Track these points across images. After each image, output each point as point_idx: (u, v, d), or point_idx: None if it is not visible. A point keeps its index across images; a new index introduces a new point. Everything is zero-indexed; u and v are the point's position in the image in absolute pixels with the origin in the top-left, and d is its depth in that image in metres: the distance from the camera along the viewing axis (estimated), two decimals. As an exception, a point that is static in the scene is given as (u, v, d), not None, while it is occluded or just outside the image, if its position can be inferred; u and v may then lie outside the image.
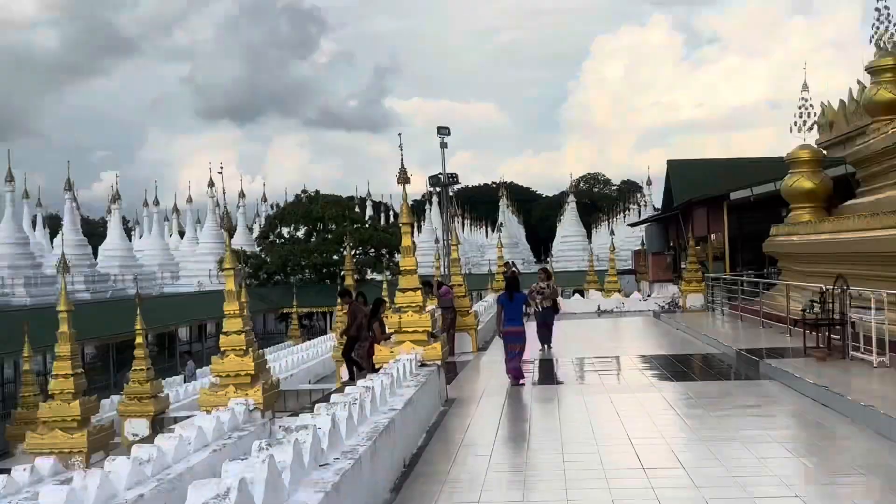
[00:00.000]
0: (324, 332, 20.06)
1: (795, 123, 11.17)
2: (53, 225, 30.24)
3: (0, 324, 14.17)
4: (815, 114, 11.45)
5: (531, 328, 8.42)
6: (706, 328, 11.66)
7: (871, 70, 9.87)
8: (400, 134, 6.57)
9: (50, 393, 7.00)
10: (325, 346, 14.12)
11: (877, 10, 9.71)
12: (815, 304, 6.51)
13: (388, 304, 7.69)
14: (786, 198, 12.03)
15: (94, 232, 33.52)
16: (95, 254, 28.77)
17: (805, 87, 11.06)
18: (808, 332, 6.49)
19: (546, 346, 9.03)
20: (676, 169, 21.17)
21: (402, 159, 6.33)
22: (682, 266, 17.51)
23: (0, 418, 11.01)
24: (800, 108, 11.00)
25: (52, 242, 27.77)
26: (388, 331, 6.68)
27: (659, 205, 29.85)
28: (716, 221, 16.67)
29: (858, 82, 11.23)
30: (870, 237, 7.55)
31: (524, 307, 7.77)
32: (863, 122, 10.58)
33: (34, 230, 27.74)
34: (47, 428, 7.02)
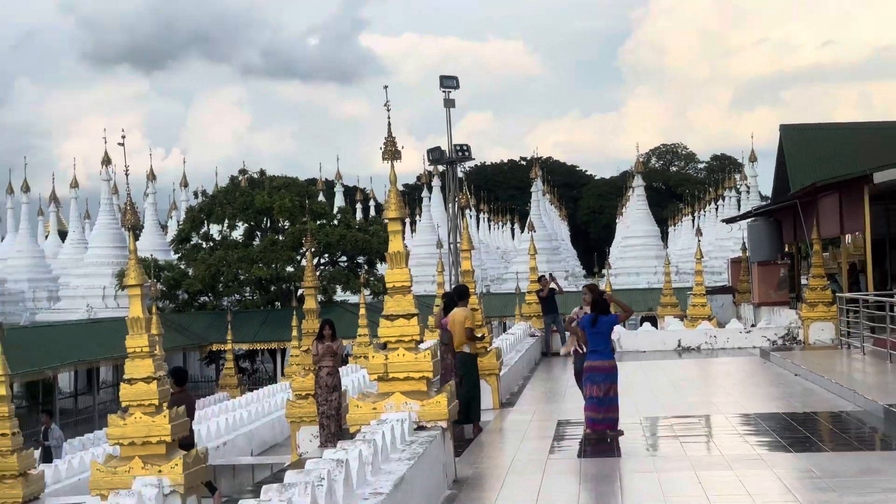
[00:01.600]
0: (272, 380, 21.15)
1: None
2: None
3: None
4: None
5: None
6: (839, 374, 12.23)
7: None
8: (386, 87, 6.62)
9: None
10: (275, 401, 14.63)
11: None
12: None
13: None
14: None
15: None
16: None
17: None
18: None
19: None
20: (794, 138, 21.43)
21: (388, 124, 6.43)
22: (804, 282, 18.21)
23: None
24: None
25: None
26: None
27: (768, 192, 30.57)
28: (853, 216, 16.33)
29: None
30: None
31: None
32: None
33: None
34: None
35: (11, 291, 33.32)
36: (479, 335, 10.03)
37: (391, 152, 6.51)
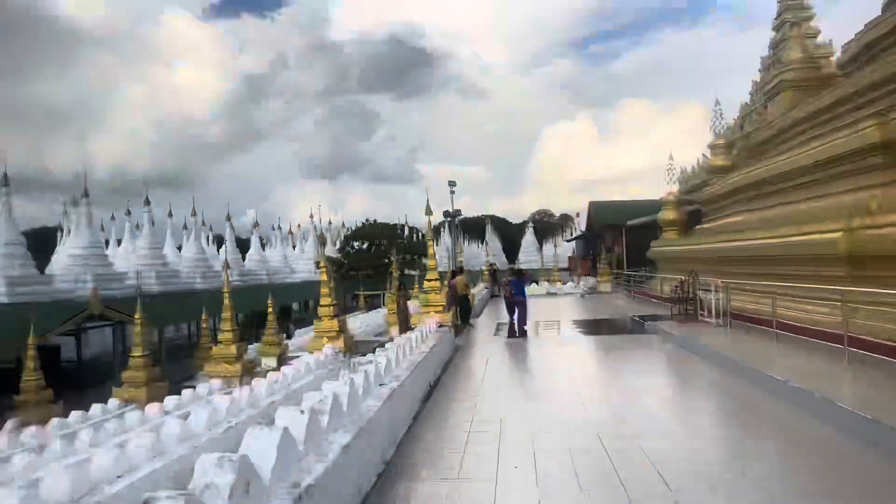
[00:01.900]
0: (379, 307, 34.64)
1: (667, 180, 27.07)
2: (218, 241, 63.05)
3: (186, 303, 30.53)
4: (677, 175, 27.23)
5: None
6: (613, 303, 24.37)
7: (711, 147, 23.31)
8: (427, 188, 16.30)
9: (218, 340, 16.85)
10: (381, 315, 25.19)
11: (714, 109, 24.74)
12: (678, 288, 14.55)
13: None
14: (660, 224, 25.96)
15: (243, 246, 63.12)
16: (244, 259, 59.23)
17: (671, 159, 27.46)
18: (673, 305, 14.54)
19: (513, 316, 16.23)
20: (595, 206, 46.82)
21: (427, 201, 15.29)
22: (598, 266, 33.13)
23: (189, 356, 22.30)
24: (667, 171, 26.65)
25: (217, 251, 58.29)
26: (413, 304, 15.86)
27: (584, 228, 56.73)
28: (617, 239, 37.04)
29: (703, 155, 26.12)
30: (710, 248, 17.48)
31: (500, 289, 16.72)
32: (704, 179, 23.70)
33: (207, 245, 56.20)
34: (216, 362, 16.83)
35: (274, 269, 60.33)
36: (467, 289, 18.71)
37: (428, 212, 15.25)
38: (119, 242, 50.72)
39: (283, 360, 16.91)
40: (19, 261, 30.54)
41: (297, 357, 16.47)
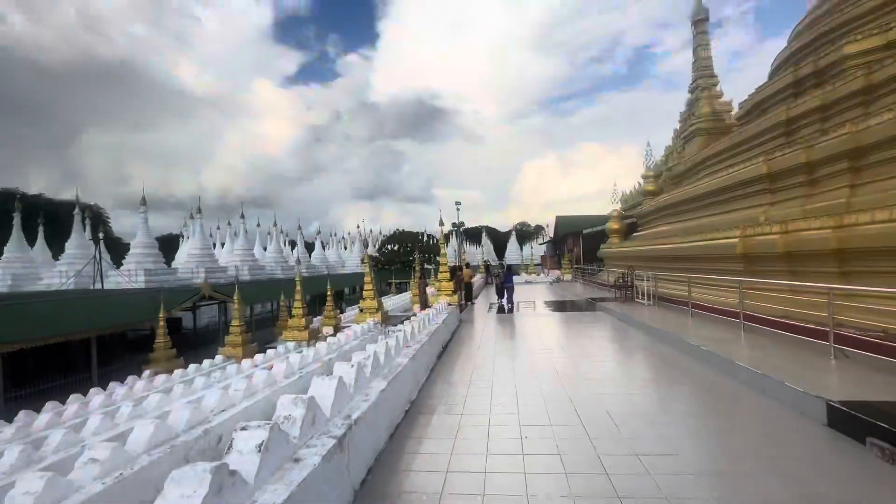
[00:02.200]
0: (405, 291, 34.01)
1: (612, 201, 29.54)
2: (291, 244, 61.87)
3: (269, 288, 29.57)
4: (619, 197, 29.20)
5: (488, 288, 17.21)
6: (573, 289, 23.80)
7: (643, 176, 23.58)
8: (440, 207, 16.03)
9: (292, 314, 16.96)
10: (407, 296, 24.74)
11: (646, 150, 25.94)
12: (620, 278, 14.42)
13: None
14: (607, 232, 25.78)
15: (309, 248, 63.59)
16: (310, 256, 60.03)
17: (615, 185, 32.84)
18: (616, 290, 14.40)
19: (501, 298, 17.10)
20: (560, 220, 47.47)
21: (440, 216, 15.24)
22: (562, 262, 33.62)
23: (272, 325, 22.48)
24: (612, 194, 29.08)
25: (291, 251, 57.37)
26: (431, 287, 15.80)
27: (551, 234, 58.16)
28: (576, 243, 36.11)
29: (638, 182, 26.48)
30: (643, 249, 17.32)
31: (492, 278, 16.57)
32: (639, 200, 23.86)
33: (284, 247, 55.30)
34: (291, 330, 16.92)
35: (332, 264, 60.29)
36: (471, 279, 18.66)
37: (441, 223, 15.19)
38: (223, 245, 51.26)
39: (337, 329, 16.85)
40: (153, 258, 30.87)
41: (348, 327, 16.39)
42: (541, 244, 69.36)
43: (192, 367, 12.87)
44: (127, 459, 4.28)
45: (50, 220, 40.08)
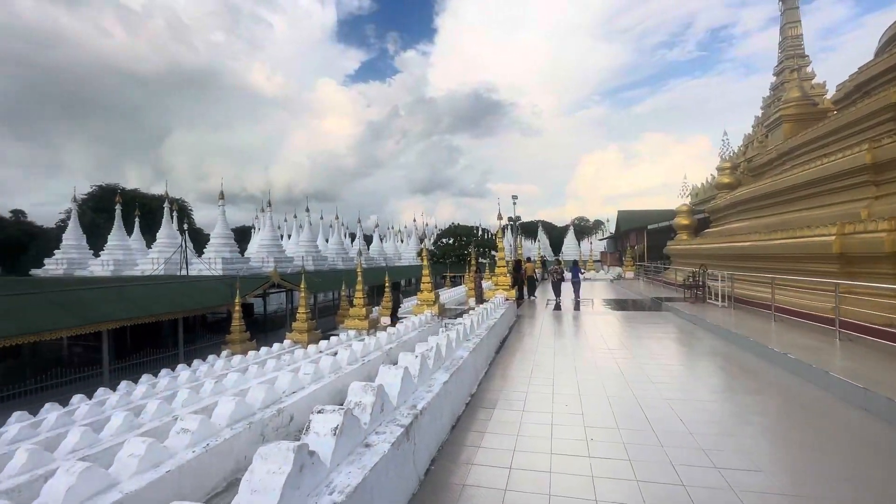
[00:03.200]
0: (459, 285, 33.67)
1: (680, 195, 28.20)
2: (351, 237, 62.09)
3: (332, 277, 30.22)
4: (688, 189, 27.41)
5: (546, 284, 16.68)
6: (636, 287, 22.49)
7: (718, 168, 20.87)
8: (499, 200, 15.47)
9: (353, 304, 17.65)
10: (462, 290, 24.87)
11: (722, 139, 24.40)
12: (690, 277, 13.34)
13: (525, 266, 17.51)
14: (674, 227, 23.98)
15: (367, 240, 64.00)
16: (368, 248, 60.58)
17: (685, 178, 31.53)
18: (686, 290, 13.35)
19: (558, 296, 16.51)
20: (622, 214, 44.22)
21: (499, 210, 15.03)
22: (624, 259, 31.86)
23: (333, 314, 23.82)
24: (682, 187, 27.88)
25: (351, 243, 57.82)
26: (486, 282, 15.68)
27: (611, 230, 55.78)
28: (639, 238, 34.29)
29: (711, 175, 24.29)
30: (717, 247, 15.86)
31: (549, 274, 15.95)
32: (713, 193, 22.22)
33: (344, 238, 55.22)
34: (352, 318, 17.63)
35: (389, 256, 61.11)
36: (534, 273, 18.22)
37: (499, 217, 15.00)
38: (289, 236, 54.38)
39: (394, 319, 17.26)
40: (229, 247, 33.40)
41: (404, 318, 16.69)
42: (600, 240, 66.91)
43: (263, 349, 13.79)
44: (212, 431, 4.66)
45: (144, 213, 44.71)
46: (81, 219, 39.16)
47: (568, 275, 20.52)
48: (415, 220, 74.96)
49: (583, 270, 32.97)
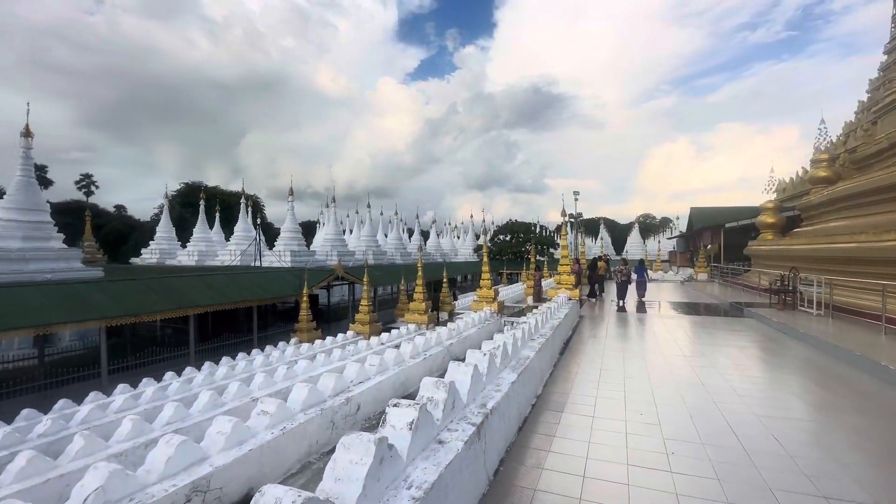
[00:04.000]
0: (516, 282, 33.27)
1: (765, 190, 25.68)
2: (409, 232, 63.75)
3: (391, 271, 30.75)
4: (775, 184, 23.48)
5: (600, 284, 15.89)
6: (710, 290, 20.72)
7: (813, 160, 18.55)
8: (563, 194, 15.09)
9: (413, 298, 17.98)
10: (519, 287, 24.29)
11: (819, 128, 21.68)
12: (779, 281, 11.95)
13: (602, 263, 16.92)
14: (758, 226, 21.52)
15: (424, 236, 66.63)
16: (425, 243, 60.90)
17: (772, 172, 26.53)
18: (772, 295, 11.97)
19: (622, 299, 15.37)
20: (696, 211, 41.06)
21: (563, 206, 14.51)
22: (695, 259, 30.15)
23: (391, 307, 24.78)
24: (767, 182, 24.20)
25: (409, 239, 58.50)
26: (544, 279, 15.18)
27: (681, 228, 55.52)
28: (715, 237, 31.52)
29: (802, 168, 21.73)
30: (811, 248, 14.23)
31: (613, 274, 15.10)
32: (804, 188, 20.50)
33: (402, 234, 56.01)
34: (412, 313, 17.94)
35: (446, 251, 60.92)
36: (605, 272, 17.41)
37: (563, 213, 14.51)
38: (351, 231, 56.67)
39: (451, 315, 17.33)
40: (297, 241, 35.37)
41: (461, 314, 16.66)
42: (669, 239, 62.81)
43: (328, 339, 14.43)
44: (288, 415, 4.91)
45: (223, 208, 48.60)
46: (171, 213, 43.33)
47: (633, 275, 19.39)
48: (472, 217, 75.23)
49: (648, 270, 31.15)
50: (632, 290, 15.67)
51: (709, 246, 33.06)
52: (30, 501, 4.10)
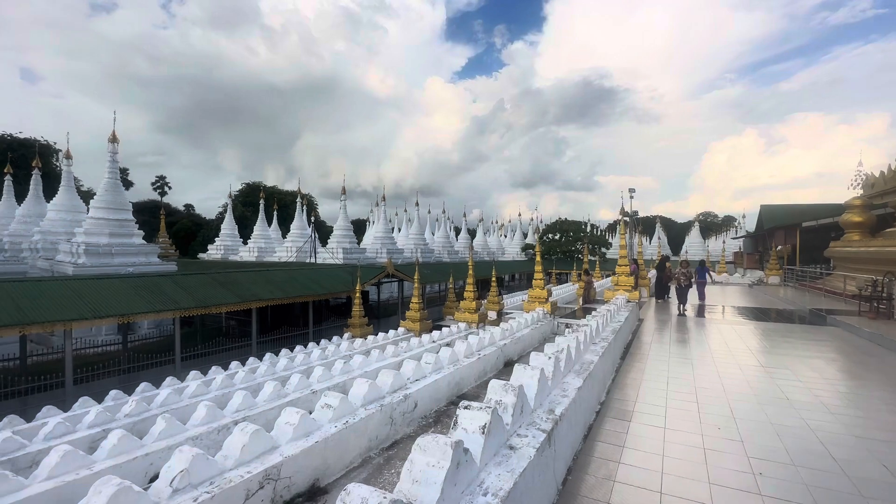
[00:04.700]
0: (566, 282, 32.21)
1: (851, 186, 20.99)
2: (456, 230, 64.68)
3: (439, 270, 30.78)
4: (862, 180, 20.44)
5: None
6: (783, 295, 19.10)
7: None
8: (621, 192, 14.29)
9: (463, 296, 17.97)
10: (572, 287, 24.00)
11: None
12: (870, 286, 10.60)
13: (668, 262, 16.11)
14: (842, 225, 19.38)
15: (471, 234, 66.39)
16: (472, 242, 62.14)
17: (860, 165, 20.80)
18: (862, 302, 10.65)
19: (683, 304, 14.13)
20: (767, 209, 38.22)
21: (622, 203, 13.89)
22: (765, 260, 28.43)
23: (440, 306, 25.22)
24: (854, 177, 20.51)
25: (456, 238, 59.28)
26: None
27: (747, 228, 51.91)
28: (789, 238, 29.25)
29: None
30: None
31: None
32: None
33: (449, 232, 56.07)
34: (462, 311, 17.94)
35: (495, 250, 62.12)
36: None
37: (622, 212, 13.88)
38: (399, 229, 57.66)
39: (500, 314, 17.15)
40: (349, 239, 36.49)
41: (510, 314, 16.39)
42: (734, 239, 58.55)
43: (380, 335, 14.74)
44: (349, 409, 5.01)
45: (280, 207, 51.14)
46: (234, 212, 46.17)
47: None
48: (520, 215, 73.80)
49: (712, 272, 29.11)
50: (693, 291, 14.72)
51: (780, 247, 30.40)
52: (121, 477, 4.46)
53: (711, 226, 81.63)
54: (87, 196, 37.95)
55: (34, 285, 12.48)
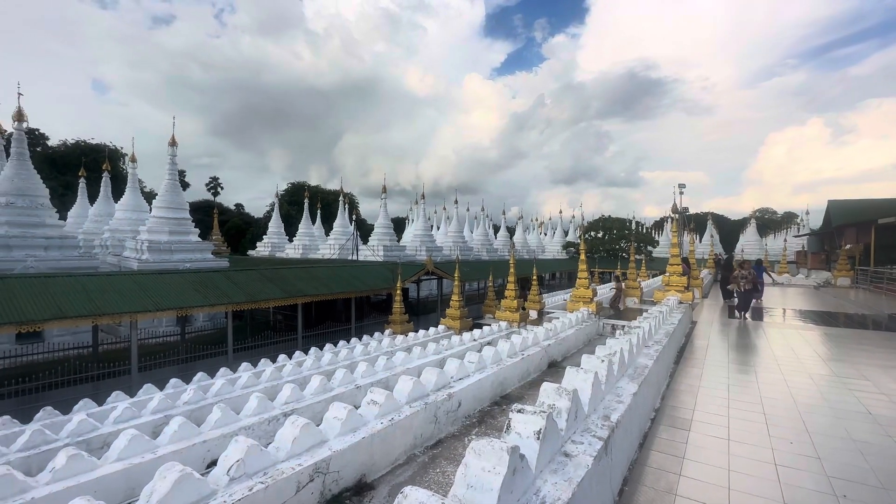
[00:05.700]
0: (609, 281, 31.26)
1: None
2: (494, 228, 64.14)
3: (478, 268, 30.68)
4: None
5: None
6: (855, 298, 17.69)
7: None
8: (673, 187, 13.53)
9: (505, 295, 17.76)
10: (611, 287, 22.83)
11: None
12: None
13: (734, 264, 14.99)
14: None
15: (510, 232, 66.91)
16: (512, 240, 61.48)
17: None
18: None
19: (744, 310, 12.55)
20: (836, 205, 34.89)
21: (674, 199, 13.18)
22: (833, 260, 26.03)
23: (478, 304, 25.30)
24: None
25: (495, 236, 58.35)
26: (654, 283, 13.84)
27: (811, 225, 48.49)
28: (862, 236, 25.92)
29: None
30: None
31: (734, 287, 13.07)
32: None
33: (487, 230, 56.95)
34: (503, 310, 17.72)
35: (531, 249, 59.77)
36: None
37: (674, 210, 13.19)
38: (438, 227, 57.92)
39: (541, 313, 16.80)
40: (389, 237, 37.07)
41: (552, 313, 16.03)
42: (795, 237, 54.37)
43: (421, 332, 14.83)
44: (395, 406, 5.02)
45: (323, 205, 52.73)
46: (280, 210, 48.05)
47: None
48: (560, 212, 72.13)
49: (772, 273, 27.14)
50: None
51: (849, 246, 27.84)
52: (181, 462, 4.70)
53: (769, 223, 76.37)
54: (149, 196, 40.80)
55: (104, 279, 13.51)
